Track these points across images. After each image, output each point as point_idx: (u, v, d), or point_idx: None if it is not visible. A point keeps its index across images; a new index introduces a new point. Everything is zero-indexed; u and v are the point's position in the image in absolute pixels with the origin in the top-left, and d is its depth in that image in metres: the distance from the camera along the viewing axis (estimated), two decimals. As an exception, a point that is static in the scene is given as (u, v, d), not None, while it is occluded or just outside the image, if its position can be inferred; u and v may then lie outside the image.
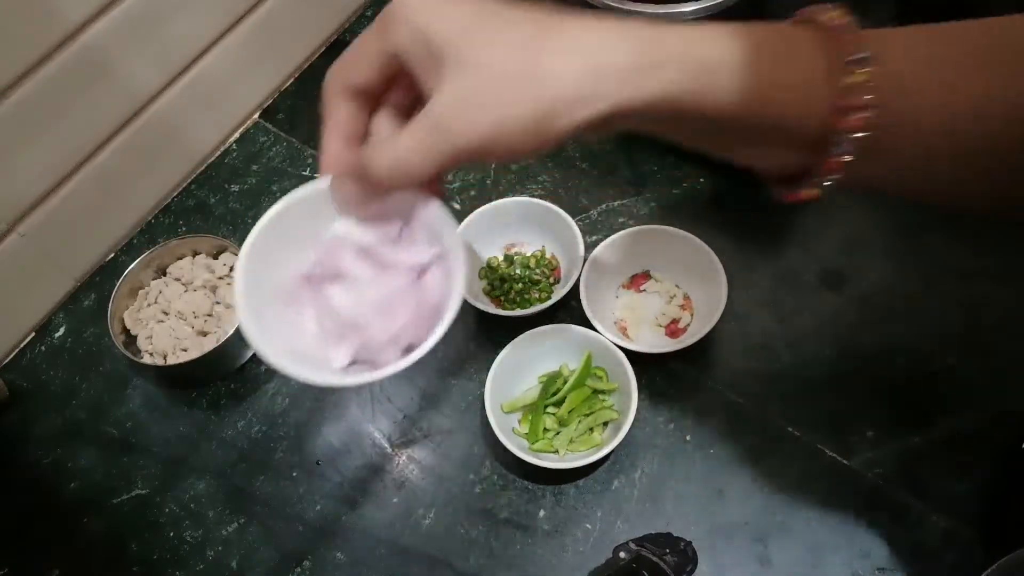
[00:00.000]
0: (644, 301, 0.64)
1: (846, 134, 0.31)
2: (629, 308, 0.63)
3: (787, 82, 0.31)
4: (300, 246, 0.39)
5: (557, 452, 0.57)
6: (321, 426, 0.63)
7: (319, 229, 0.39)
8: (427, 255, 0.39)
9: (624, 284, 0.65)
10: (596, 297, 0.61)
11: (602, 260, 0.62)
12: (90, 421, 0.66)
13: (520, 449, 0.55)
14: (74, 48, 0.62)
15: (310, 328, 0.40)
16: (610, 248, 0.62)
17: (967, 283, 0.61)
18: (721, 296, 0.58)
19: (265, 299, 0.39)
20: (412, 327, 0.38)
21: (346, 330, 0.39)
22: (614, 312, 0.63)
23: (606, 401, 0.59)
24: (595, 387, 0.59)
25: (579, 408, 0.58)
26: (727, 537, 0.54)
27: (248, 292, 0.38)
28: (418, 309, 0.38)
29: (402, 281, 0.39)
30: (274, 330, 0.38)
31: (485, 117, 0.31)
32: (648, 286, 0.64)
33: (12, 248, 0.66)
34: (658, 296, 0.64)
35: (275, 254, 0.39)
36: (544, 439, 0.57)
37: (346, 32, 0.86)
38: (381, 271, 0.39)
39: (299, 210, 0.39)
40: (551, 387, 0.59)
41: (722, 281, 0.58)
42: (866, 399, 0.58)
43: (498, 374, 0.58)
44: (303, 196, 0.38)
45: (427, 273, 0.39)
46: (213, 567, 0.58)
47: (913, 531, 0.53)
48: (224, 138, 0.80)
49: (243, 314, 0.38)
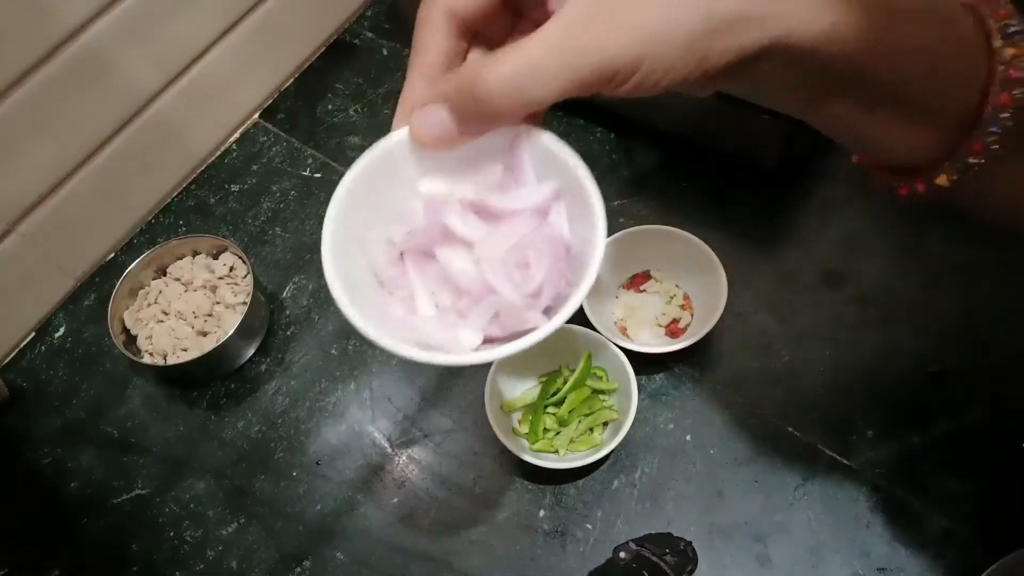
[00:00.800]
0: (644, 301, 0.64)
1: (1000, 111, 0.28)
2: (629, 308, 0.63)
3: (951, 49, 0.29)
4: (379, 217, 0.33)
5: (557, 452, 0.57)
6: (321, 426, 0.63)
7: (396, 195, 0.33)
8: (545, 193, 0.32)
9: (624, 284, 0.65)
10: (596, 298, 0.61)
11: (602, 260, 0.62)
12: (90, 421, 0.66)
13: (520, 449, 0.55)
14: (74, 48, 0.62)
15: (423, 309, 0.33)
16: (610, 248, 0.62)
17: (967, 283, 0.61)
18: (721, 295, 0.58)
19: (361, 290, 0.33)
20: (551, 282, 0.32)
21: (471, 302, 0.33)
22: (614, 312, 0.63)
23: (606, 401, 0.59)
24: (595, 387, 0.59)
25: (579, 408, 0.58)
26: (727, 537, 0.54)
27: (346, 287, 0.31)
28: (553, 259, 0.32)
29: (525, 228, 0.32)
30: (383, 321, 0.32)
31: (642, 20, 0.26)
32: (648, 286, 0.64)
33: (12, 248, 0.66)
34: (658, 296, 0.64)
35: (355, 232, 0.33)
36: (544, 439, 0.57)
37: (346, 32, 0.86)
38: (496, 224, 0.33)
39: (372, 175, 0.32)
40: (551, 387, 0.59)
41: (722, 280, 0.58)
42: (866, 399, 0.58)
43: (498, 374, 0.58)
44: (377, 156, 0.32)
45: (549, 215, 0.33)
46: (213, 567, 0.58)
47: (913, 531, 0.53)
48: (224, 138, 0.80)
49: (349, 312, 0.30)
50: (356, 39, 0.85)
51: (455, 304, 0.33)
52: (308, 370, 0.66)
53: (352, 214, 0.32)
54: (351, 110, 0.80)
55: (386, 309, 0.33)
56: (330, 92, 0.82)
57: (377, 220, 0.33)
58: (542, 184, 0.32)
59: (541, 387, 0.59)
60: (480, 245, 0.32)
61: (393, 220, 0.34)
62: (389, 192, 0.33)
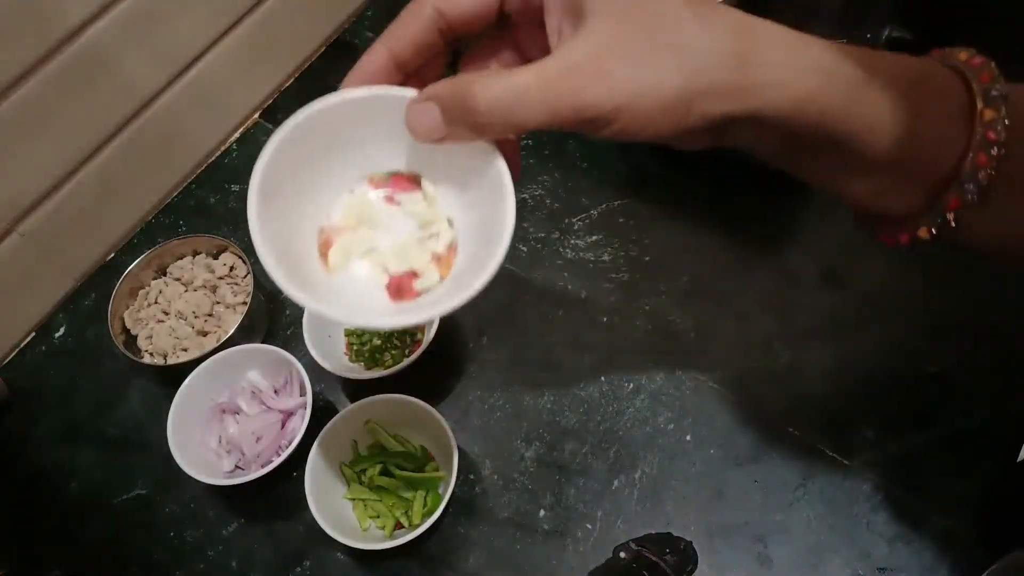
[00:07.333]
0: (390, 218, 0.36)
1: (978, 170, 0.29)
2: (357, 216, 0.36)
3: (930, 111, 0.30)
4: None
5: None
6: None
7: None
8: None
9: (372, 178, 0.36)
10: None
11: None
12: (90, 421, 0.66)
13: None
14: (74, 48, 0.62)
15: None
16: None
17: (967, 283, 0.61)
18: (496, 250, 0.31)
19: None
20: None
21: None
22: (329, 214, 0.36)
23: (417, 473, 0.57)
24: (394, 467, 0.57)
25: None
26: (727, 537, 0.54)
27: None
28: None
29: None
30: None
31: (626, 76, 0.28)
32: (407, 198, 0.36)
33: (12, 248, 0.66)
34: (412, 221, 0.36)
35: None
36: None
37: (346, 32, 0.86)
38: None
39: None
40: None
41: (507, 224, 0.32)
42: (866, 399, 0.58)
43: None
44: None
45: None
46: (213, 567, 0.58)
47: (913, 531, 0.53)
48: (224, 138, 0.80)
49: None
50: (356, 39, 0.85)
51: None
52: (308, 370, 0.65)
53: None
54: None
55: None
56: (330, 92, 0.82)
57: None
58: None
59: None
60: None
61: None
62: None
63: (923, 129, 0.30)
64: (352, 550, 0.54)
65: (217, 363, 0.61)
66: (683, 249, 0.67)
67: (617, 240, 0.68)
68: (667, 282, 0.65)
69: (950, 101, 0.30)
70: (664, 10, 0.28)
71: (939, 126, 0.30)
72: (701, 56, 0.28)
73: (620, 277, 0.66)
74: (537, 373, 0.63)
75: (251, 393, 0.62)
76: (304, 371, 0.59)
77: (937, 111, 0.30)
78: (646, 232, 0.68)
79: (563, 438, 0.59)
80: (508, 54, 0.35)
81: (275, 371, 0.62)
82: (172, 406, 0.58)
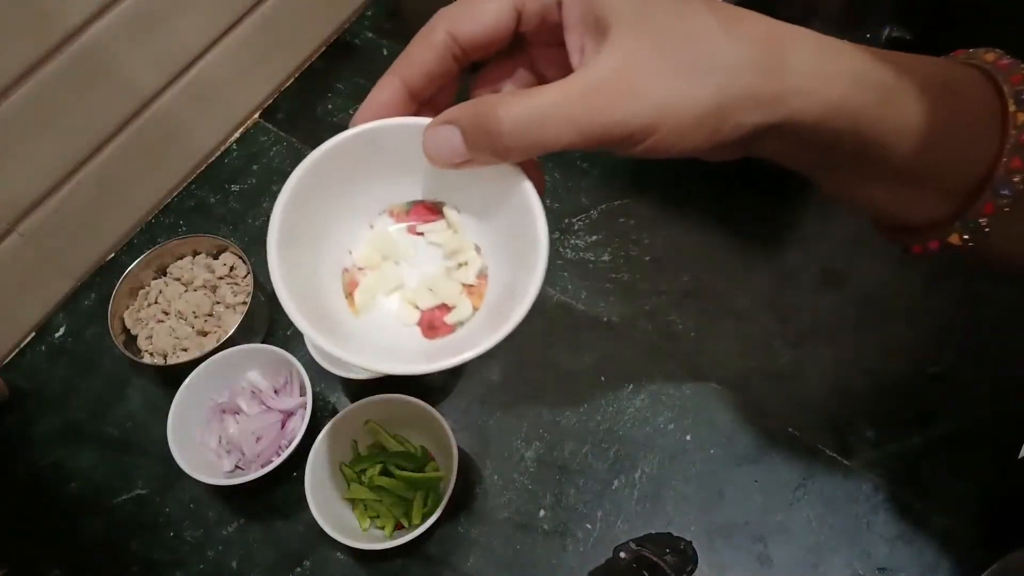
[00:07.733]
0: (414, 249, 0.36)
1: (1012, 175, 0.28)
2: (380, 252, 0.35)
3: (962, 116, 0.29)
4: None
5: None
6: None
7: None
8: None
9: (392, 210, 0.36)
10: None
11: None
12: (90, 421, 0.66)
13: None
14: (74, 48, 0.62)
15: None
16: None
17: (967, 283, 0.61)
18: (532, 282, 0.31)
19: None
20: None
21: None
22: (352, 251, 0.36)
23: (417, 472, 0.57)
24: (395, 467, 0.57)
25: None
26: (727, 537, 0.54)
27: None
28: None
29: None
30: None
31: (657, 92, 0.27)
32: (430, 228, 0.35)
33: (12, 248, 0.66)
34: (438, 251, 0.35)
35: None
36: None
37: (346, 32, 0.86)
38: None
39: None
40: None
41: (541, 256, 0.31)
42: (866, 399, 0.58)
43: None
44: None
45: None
46: (213, 567, 0.58)
47: (913, 531, 0.53)
48: (224, 138, 0.80)
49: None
50: (356, 39, 0.85)
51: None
52: (308, 369, 0.65)
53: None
54: (351, 110, 0.79)
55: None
56: (330, 92, 0.82)
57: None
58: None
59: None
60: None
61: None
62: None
63: (955, 134, 0.29)
64: (352, 550, 0.54)
65: (217, 363, 0.61)
66: (683, 249, 0.67)
67: (617, 240, 0.68)
68: (667, 282, 0.65)
69: (980, 104, 0.29)
70: (690, 22, 0.28)
71: (970, 130, 0.29)
72: (731, 67, 0.27)
73: (620, 277, 0.66)
74: (537, 373, 0.63)
75: (251, 393, 0.62)
76: (304, 371, 0.59)
77: (968, 115, 0.29)
78: (646, 232, 0.68)
79: (563, 438, 0.59)
80: (523, 74, 0.34)
81: (275, 371, 0.62)
82: (172, 406, 0.58)
